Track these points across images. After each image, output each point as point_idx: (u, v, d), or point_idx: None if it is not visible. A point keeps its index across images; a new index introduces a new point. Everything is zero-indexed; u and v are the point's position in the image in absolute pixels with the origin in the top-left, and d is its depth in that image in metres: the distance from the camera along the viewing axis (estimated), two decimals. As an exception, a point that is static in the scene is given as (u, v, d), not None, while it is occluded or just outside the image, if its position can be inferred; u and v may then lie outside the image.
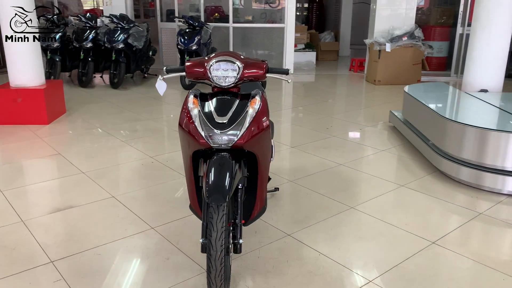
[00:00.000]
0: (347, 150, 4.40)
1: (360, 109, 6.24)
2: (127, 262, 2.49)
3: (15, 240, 2.70)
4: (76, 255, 2.55)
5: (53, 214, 3.04)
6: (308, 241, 2.72)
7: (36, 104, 5.04)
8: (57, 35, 7.16)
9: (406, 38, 7.56)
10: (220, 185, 1.98)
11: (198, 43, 7.16)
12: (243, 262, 2.50)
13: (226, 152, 2.13)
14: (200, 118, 2.14)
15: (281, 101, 6.58)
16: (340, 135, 4.87)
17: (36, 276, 2.36)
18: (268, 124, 2.25)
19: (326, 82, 8.47)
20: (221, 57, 2.21)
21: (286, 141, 4.64)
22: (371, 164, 4.04)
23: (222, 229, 1.94)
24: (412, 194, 3.42)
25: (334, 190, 3.46)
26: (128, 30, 7.33)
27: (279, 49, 9.05)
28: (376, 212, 3.09)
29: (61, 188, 3.48)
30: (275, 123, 5.37)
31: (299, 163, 4.05)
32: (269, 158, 2.44)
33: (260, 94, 2.27)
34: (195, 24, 7.30)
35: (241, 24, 9.20)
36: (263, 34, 9.10)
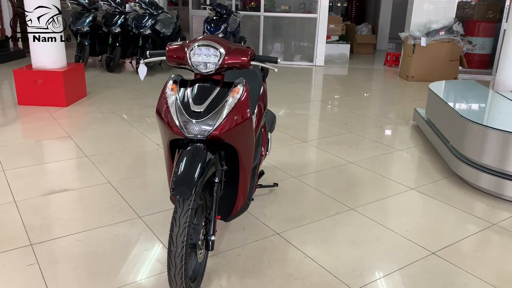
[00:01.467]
0: (361, 148, 4.17)
1: (386, 106, 5.95)
2: (104, 251, 2.42)
3: (3, 220, 2.70)
4: (57, 239, 2.52)
5: (47, 196, 3.03)
6: (296, 241, 2.57)
7: (55, 87, 5.10)
8: (87, 19, 7.24)
9: (443, 33, 7.13)
10: (187, 178, 1.86)
11: (224, 31, 7.05)
12: (223, 259, 2.38)
13: (202, 143, 2.01)
14: (176, 106, 2.02)
15: (305, 94, 6.38)
16: (357, 132, 4.64)
17: (13, 258, 2.34)
18: (249, 116, 2.11)
19: (357, 76, 8.17)
20: (202, 41, 2.08)
21: (299, 135, 4.46)
22: (384, 163, 3.80)
23: (185, 224, 1.82)
24: (421, 198, 3.18)
25: (337, 189, 3.27)
26: (156, 16, 7.32)
27: (311, 40, 8.80)
28: (376, 216, 2.89)
29: (62, 171, 3.48)
30: (292, 115, 5.21)
31: (307, 158, 3.87)
32: (252, 152, 2.29)
33: (244, 83, 2.12)
34: (223, 11, 7.19)
35: (272, 13, 9.01)
36: (295, 24, 8.88)
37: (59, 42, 5.19)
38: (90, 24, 7.26)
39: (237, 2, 10.20)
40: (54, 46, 5.14)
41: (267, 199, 3.07)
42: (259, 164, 2.76)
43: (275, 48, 9.12)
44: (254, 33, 8.95)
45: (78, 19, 7.23)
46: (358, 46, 10.56)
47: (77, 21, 7.21)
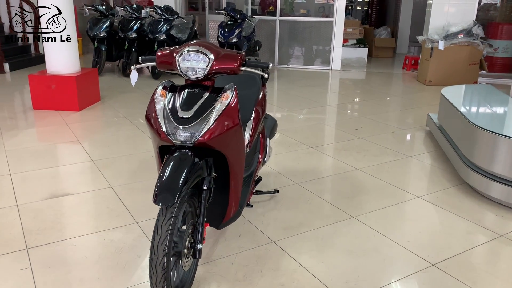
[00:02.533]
0: (369, 154, 4.08)
1: (400, 111, 5.82)
2: (97, 256, 2.43)
3: (2, 224, 2.74)
4: (52, 243, 2.54)
5: (48, 200, 3.06)
6: (291, 250, 2.51)
7: (68, 91, 5.19)
8: (104, 25, 7.36)
9: (462, 36, 6.94)
10: (170, 185, 1.84)
11: (238, 36, 7.05)
12: (215, 267, 2.35)
13: (189, 149, 1.99)
14: (164, 112, 2.01)
15: (318, 98, 6.30)
16: (368, 137, 4.54)
17: (7, 262, 2.36)
18: (238, 122, 2.07)
19: (373, 80, 8.03)
20: (192, 47, 2.06)
21: (307, 141, 4.40)
22: (391, 170, 3.70)
23: (167, 232, 1.80)
24: (427, 207, 3.07)
25: (340, 196, 3.20)
26: (171, 21, 7.38)
27: (327, 44, 8.71)
28: (378, 225, 2.80)
29: (66, 175, 3.52)
30: (303, 120, 5.15)
31: (312, 164, 3.81)
32: (243, 159, 2.26)
33: (233, 89, 2.09)
34: (237, 16, 7.19)
35: (288, 18, 8.96)
36: (311, 28, 8.81)
37: (73, 48, 5.28)
38: (107, 30, 7.38)
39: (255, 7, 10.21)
40: (67, 51, 5.23)
41: (266, 206, 3.03)
42: (256, 170, 2.72)
43: (291, 52, 9.07)
44: (270, 38, 8.93)
45: (96, 25, 7.36)
46: (377, 49, 10.40)
47: (95, 27, 7.33)
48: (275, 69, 8.80)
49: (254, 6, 10.29)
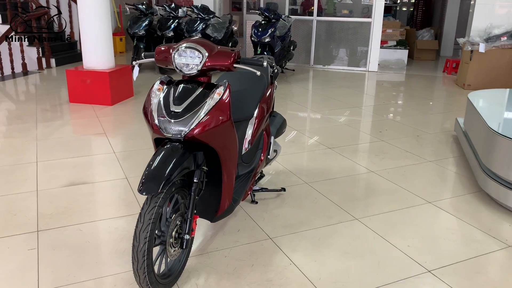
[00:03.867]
0: (388, 157, 4.00)
1: (431, 114, 5.64)
2: (100, 242, 2.55)
3: (20, 207, 2.93)
4: (61, 228, 2.69)
5: (66, 187, 3.24)
6: (286, 247, 2.53)
7: (101, 86, 5.43)
8: (143, 23, 7.62)
9: (505, 38, 6.62)
10: (156, 175, 1.91)
11: (271, 36, 7.08)
12: (208, 259, 2.41)
13: (180, 143, 2.06)
14: (158, 105, 2.09)
15: (348, 99, 6.22)
16: (390, 140, 4.45)
17: (18, 242, 2.53)
18: (228, 118, 2.12)
19: (410, 82, 7.82)
20: (187, 43, 2.13)
21: (326, 141, 4.37)
22: (407, 174, 3.62)
23: (150, 221, 1.87)
24: (436, 213, 2.98)
25: (347, 198, 3.17)
26: (207, 20, 7.53)
27: (364, 45, 8.57)
28: (380, 228, 2.76)
29: (86, 165, 3.70)
30: (326, 121, 5.12)
31: (326, 165, 3.79)
32: (235, 154, 2.30)
33: (226, 85, 2.14)
34: (271, 16, 7.22)
35: (325, 18, 8.89)
36: (348, 29, 8.69)
37: (107, 45, 5.52)
38: (146, 28, 7.63)
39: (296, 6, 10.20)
40: (102, 48, 5.47)
41: (271, 203, 3.05)
42: (257, 167, 2.75)
43: (327, 53, 8.99)
44: (306, 38, 8.90)
45: (135, 23, 7.63)
46: (419, 52, 10.10)
47: (134, 25, 7.61)
48: (311, 69, 8.77)
49: (295, 6, 10.30)
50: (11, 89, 6.65)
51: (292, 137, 4.49)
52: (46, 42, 7.90)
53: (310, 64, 8.95)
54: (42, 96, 6.07)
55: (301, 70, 8.61)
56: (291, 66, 8.66)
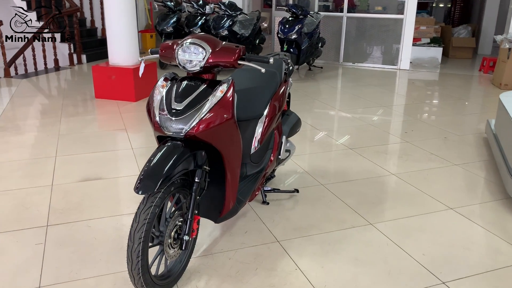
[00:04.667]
0: (411, 159, 3.83)
1: (461, 115, 5.38)
2: (106, 239, 2.54)
3: (34, 201, 2.97)
4: (70, 223, 2.70)
5: (80, 182, 3.26)
6: (293, 252, 2.44)
7: (126, 82, 5.48)
8: (171, 20, 7.65)
9: (546, 36, 6.24)
10: (152, 174, 1.87)
11: (298, 32, 6.96)
12: (211, 261, 2.35)
13: (181, 141, 2.00)
14: (160, 102, 2.04)
15: (375, 98, 6.01)
16: (415, 142, 4.26)
17: (27, 236, 2.56)
18: (230, 117, 2.05)
19: (443, 81, 7.52)
20: (192, 39, 2.07)
21: (347, 142, 4.24)
22: (430, 178, 3.44)
23: (145, 221, 1.83)
24: (457, 220, 2.82)
25: (363, 201, 3.04)
26: (234, 17, 7.48)
27: (396, 42, 8.31)
28: (395, 234, 2.63)
29: (103, 160, 3.71)
30: (350, 120, 4.98)
31: (345, 166, 3.66)
32: (239, 154, 2.23)
33: (229, 83, 2.07)
34: (298, 12, 7.10)
35: (355, 14, 8.67)
36: (379, 26, 8.45)
37: (133, 42, 5.56)
38: (174, 25, 7.66)
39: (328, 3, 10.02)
40: (127, 44, 5.52)
41: (283, 205, 2.97)
42: (267, 167, 2.67)
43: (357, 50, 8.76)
44: (336, 35, 8.71)
45: (164, 20, 7.68)
46: (454, 49, 9.71)
47: (162, 22, 7.66)
48: (340, 67, 8.58)
49: (327, 2, 10.12)
50: (42, 84, 6.83)
51: (313, 136, 4.38)
52: (78, 39, 8.07)
53: (340, 62, 8.76)
54: (70, 91, 6.19)
55: (330, 67, 8.44)
56: (320, 64, 8.50)
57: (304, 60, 7.39)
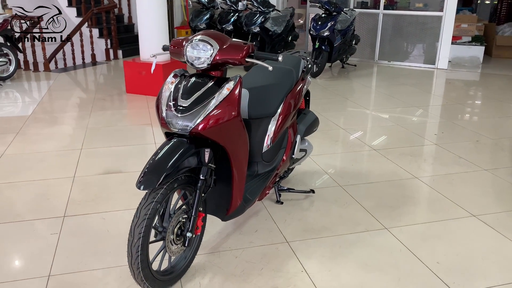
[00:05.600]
0: (437, 163, 3.68)
1: (498, 118, 5.11)
2: (118, 232, 2.58)
3: (55, 192, 3.06)
4: (86, 215, 2.77)
5: (101, 175, 3.34)
6: (302, 254, 2.40)
7: (155, 78, 5.56)
8: (205, 16, 7.71)
9: None
10: (155, 170, 1.88)
11: (330, 29, 6.83)
12: (217, 258, 2.35)
13: (186, 138, 2.00)
14: (168, 99, 2.05)
15: (408, 98, 5.81)
16: (445, 144, 4.10)
17: (43, 226, 2.64)
18: (236, 115, 2.03)
19: (483, 82, 7.19)
20: (201, 36, 2.07)
21: (372, 142, 4.12)
22: (455, 183, 3.30)
23: (145, 216, 1.85)
24: (479, 228, 2.68)
25: (382, 205, 2.95)
26: (267, 14, 7.44)
27: (434, 41, 8.01)
28: (410, 240, 2.53)
29: (126, 154, 3.79)
30: (378, 120, 4.86)
31: (367, 168, 3.57)
32: (245, 152, 2.20)
33: (237, 80, 2.05)
34: (332, 9, 6.97)
35: (392, 11, 8.43)
36: (417, 23, 8.17)
37: (162, 38, 5.64)
38: (207, 22, 7.72)
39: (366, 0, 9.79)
40: (157, 41, 5.59)
41: (297, 205, 2.92)
42: (279, 167, 2.63)
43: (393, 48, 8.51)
44: (371, 32, 8.50)
45: (197, 17, 7.75)
46: (498, 48, 9.25)
47: (196, 19, 7.73)
48: (375, 65, 8.37)
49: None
50: (77, 78, 7.06)
51: (336, 136, 4.29)
52: (114, 35, 8.28)
53: (375, 60, 8.55)
54: (103, 86, 6.36)
55: (364, 65, 8.25)
56: (354, 62, 8.33)
57: (336, 58, 7.26)
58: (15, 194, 3.04)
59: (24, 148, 3.85)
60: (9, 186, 3.15)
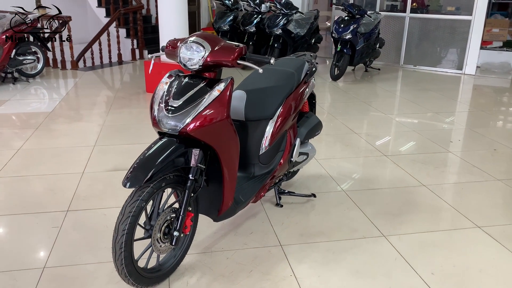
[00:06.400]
0: (448, 171, 3.58)
1: (523, 126, 4.93)
2: (116, 228, 2.64)
3: (62, 187, 3.16)
4: (88, 210, 2.85)
5: (109, 172, 3.42)
6: (293, 257, 2.38)
7: (174, 78, 5.64)
8: (228, 18, 7.76)
9: None
10: (141, 169, 1.91)
11: (353, 32, 6.75)
12: (208, 258, 2.37)
13: (176, 138, 2.03)
14: (160, 99, 2.09)
15: (427, 104, 5.66)
16: (459, 152, 3.98)
17: (46, 219, 2.73)
18: (225, 116, 2.04)
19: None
20: (193, 38, 2.09)
21: (383, 148, 4.05)
22: (464, 192, 3.20)
23: (130, 214, 1.88)
24: (482, 240, 2.59)
25: (383, 212, 2.90)
26: (289, 16, 7.43)
27: (462, 45, 7.79)
28: (407, 249, 2.47)
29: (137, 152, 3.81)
30: (393, 125, 4.77)
31: (374, 173, 3.51)
32: (235, 153, 2.21)
33: (228, 82, 2.07)
34: (355, 12, 6.89)
35: (419, 15, 8.25)
36: (445, 27, 7.97)
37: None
38: (230, 23, 7.76)
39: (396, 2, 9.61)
40: (177, 41, 5.68)
41: (296, 209, 2.91)
42: (276, 170, 2.62)
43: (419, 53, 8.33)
44: (397, 36, 8.34)
45: (221, 18, 7.81)
46: (532, 54, 8.89)
47: (219, 20, 7.79)
48: (400, 69, 8.21)
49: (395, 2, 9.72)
50: (102, 77, 7.25)
51: (348, 140, 4.23)
52: (141, 35, 8.45)
53: (400, 64, 8.39)
54: (125, 85, 6.51)
55: (389, 69, 8.11)
56: (379, 65, 8.19)
57: (358, 61, 7.17)
58: (24, 187, 3.15)
59: (40, 143, 3.99)
60: (20, 180, 3.27)
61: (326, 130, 4.59)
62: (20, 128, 4.43)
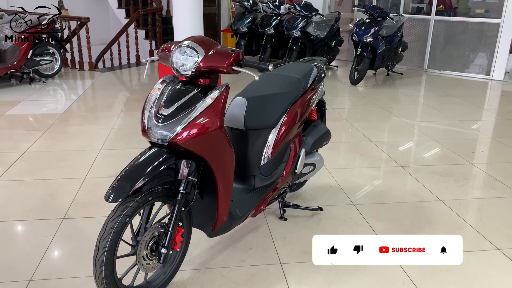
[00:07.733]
0: (469, 185, 3.35)
1: (553, 137, 4.62)
2: (110, 238, 2.53)
3: (62, 192, 3.08)
4: (85, 218, 2.76)
5: (111, 178, 3.29)
6: (293, 277, 2.23)
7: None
8: (246, 20, 7.64)
9: None
10: (124, 182, 1.79)
11: (374, 35, 6.52)
12: (202, 275, 2.24)
13: (166, 148, 1.91)
14: (151, 106, 1.97)
15: (450, 111, 5.38)
16: (482, 165, 3.73)
17: (41, 227, 2.65)
18: (218, 126, 1.91)
19: (542, 96, 6.57)
20: (188, 42, 1.97)
21: (400, 158, 3.83)
22: (485, 210, 2.97)
23: (111, 229, 1.76)
24: (502, 263, 2.38)
25: (394, 229, 2.71)
26: (309, 18, 7.25)
27: (490, 50, 7.45)
28: (417, 272, 2.28)
29: (142, 157, 3.76)
30: (411, 134, 4.58)
31: (388, 186, 3.31)
32: (230, 166, 2.07)
33: (222, 89, 1.93)
34: (376, 14, 6.65)
35: (444, 17, 7.94)
36: (472, 31, 7.64)
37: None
38: (249, 25, 7.64)
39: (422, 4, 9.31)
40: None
41: (301, 223, 2.74)
42: (278, 182, 2.47)
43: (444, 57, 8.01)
44: (421, 39, 8.04)
45: (239, 20, 7.70)
46: None
47: (238, 22, 7.68)
48: (423, 73, 7.91)
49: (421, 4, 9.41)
50: (118, 78, 7.23)
51: (362, 149, 4.03)
52: (159, 36, 8.42)
53: (424, 68, 8.08)
54: (140, 86, 6.46)
55: (412, 74, 7.82)
56: (402, 69, 7.91)
57: (379, 65, 6.94)
58: (25, 192, 3.09)
59: (47, 146, 3.94)
60: (22, 184, 3.21)
61: (340, 137, 4.41)
62: (30, 130, 4.41)
